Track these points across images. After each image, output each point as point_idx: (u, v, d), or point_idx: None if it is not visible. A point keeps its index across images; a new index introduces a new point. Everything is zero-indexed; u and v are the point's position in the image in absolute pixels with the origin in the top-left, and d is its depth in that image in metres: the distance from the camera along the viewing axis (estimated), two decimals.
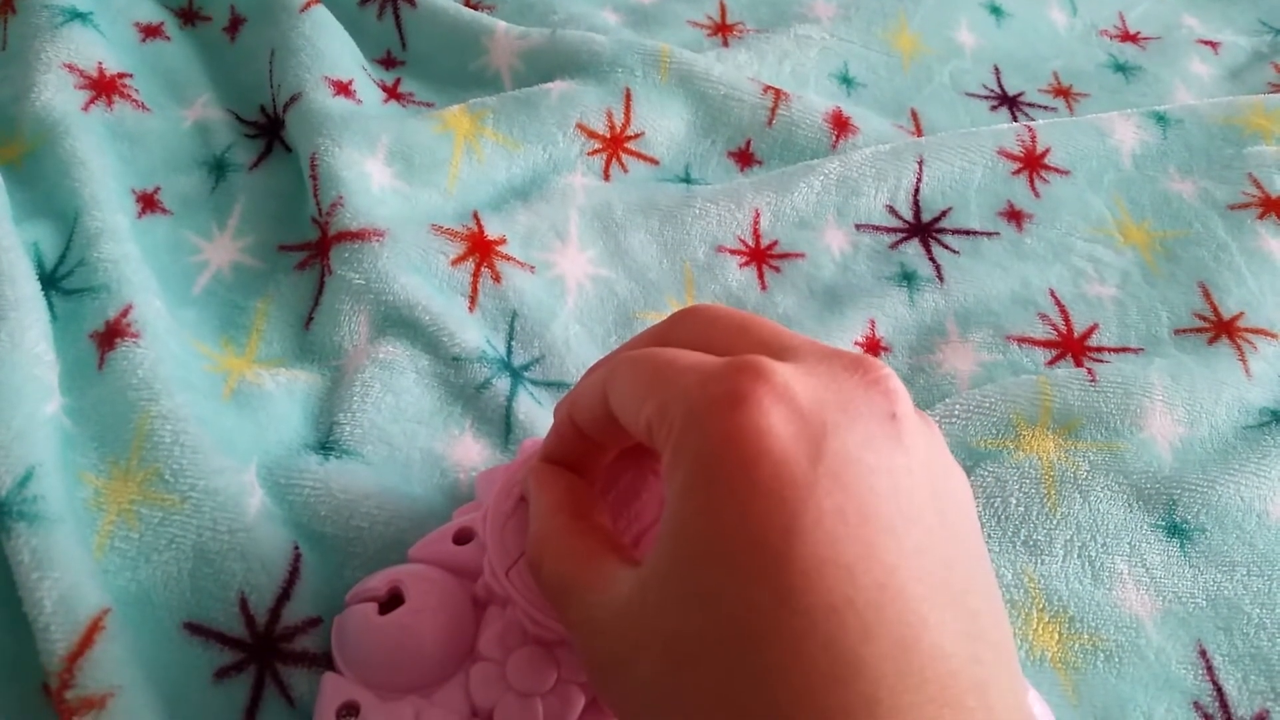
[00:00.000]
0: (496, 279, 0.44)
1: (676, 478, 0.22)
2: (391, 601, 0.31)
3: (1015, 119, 0.57)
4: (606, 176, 0.50)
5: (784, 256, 0.48)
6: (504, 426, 0.40)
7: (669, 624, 0.22)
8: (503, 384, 0.41)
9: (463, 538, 0.33)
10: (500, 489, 0.32)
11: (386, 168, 0.46)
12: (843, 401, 0.22)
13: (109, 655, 0.30)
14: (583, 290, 0.45)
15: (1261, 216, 0.49)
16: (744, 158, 0.52)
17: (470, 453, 0.39)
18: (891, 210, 0.49)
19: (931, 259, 0.48)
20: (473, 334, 0.42)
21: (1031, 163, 0.51)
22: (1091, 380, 0.42)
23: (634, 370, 0.25)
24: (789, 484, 0.20)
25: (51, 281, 0.40)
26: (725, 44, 0.59)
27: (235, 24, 0.54)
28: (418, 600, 0.30)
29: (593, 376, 0.28)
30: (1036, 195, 0.50)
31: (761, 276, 0.47)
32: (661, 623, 0.22)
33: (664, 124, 0.52)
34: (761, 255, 0.48)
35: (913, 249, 0.48)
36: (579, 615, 0.24)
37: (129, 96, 0.49)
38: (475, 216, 0.46)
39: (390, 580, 0.31)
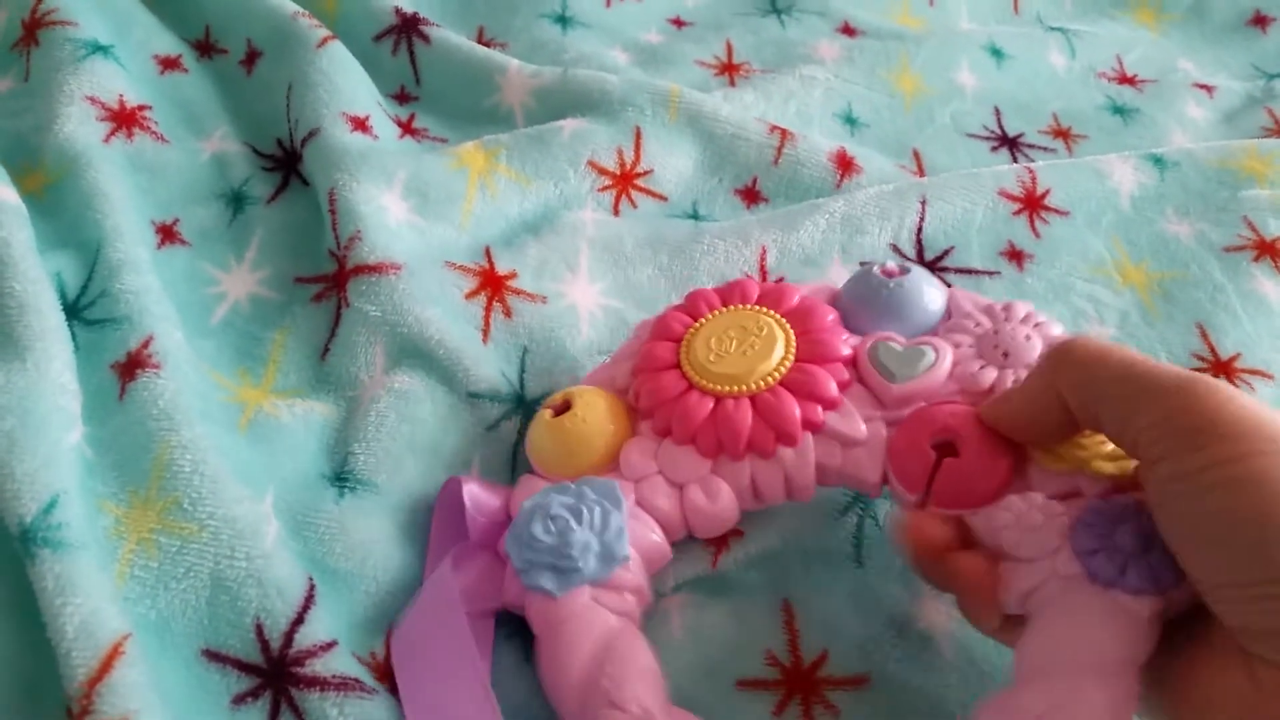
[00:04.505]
0: (507, 314, 0.45)
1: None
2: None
3: (1015, 160, 0.58)
4: (616, 212, 0.51)
5: None
6: (510, 464, 0.41)
7: None
8: (512, 425, 0.42)
9: None
10: None
11: (403, 202, 0.47)
12: None
13: (127, 681, 0.30)
14: (594, 320, 0.46)
15: (1256, 259, 0.50)
16: (750, 195, 0.53)
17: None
18: (895, 249, 0.50)
19: None
20: (488, 368, 0.42)
21: (1032, 203, 0.52)
22: None
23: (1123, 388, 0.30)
24: None
25: (74, 312, 0.41)
26: (732, 84, 0.60)
27: (252, 57, 0.55)
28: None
29: (1027, 386, 0.32)
30: (1037, 235, 0.51)
31: None
32: None
33: (673, 162, 0.53)
34: None
35: None
36: None
37: (148, 128, 0.50)
38: (486, 253, 0.47)
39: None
